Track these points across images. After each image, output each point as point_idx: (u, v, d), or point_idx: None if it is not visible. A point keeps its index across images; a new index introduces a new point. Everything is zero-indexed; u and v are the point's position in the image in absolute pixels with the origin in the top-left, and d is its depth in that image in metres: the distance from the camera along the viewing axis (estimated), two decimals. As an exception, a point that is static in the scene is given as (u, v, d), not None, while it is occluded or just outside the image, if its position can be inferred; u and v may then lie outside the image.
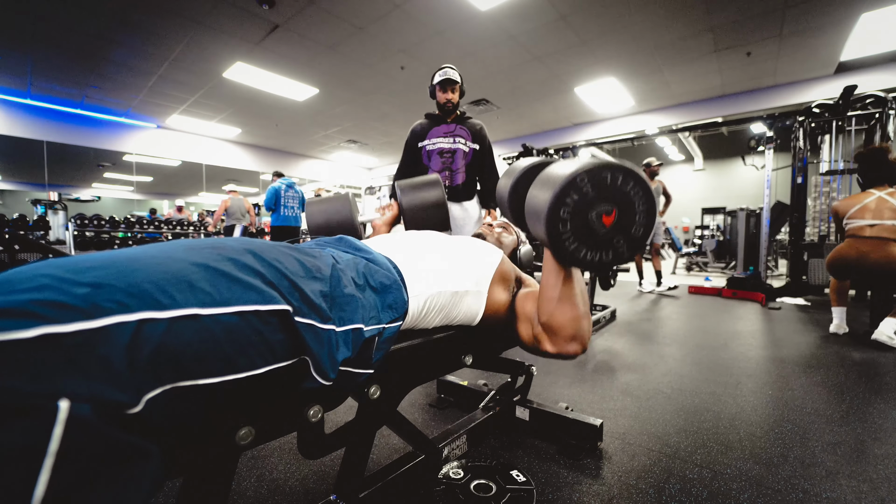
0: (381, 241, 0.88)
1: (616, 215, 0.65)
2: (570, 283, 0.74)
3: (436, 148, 2.20)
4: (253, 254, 0.52)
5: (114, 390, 0.34)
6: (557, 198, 0.62)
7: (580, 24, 4.07)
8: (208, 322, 0.42)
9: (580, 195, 0.63)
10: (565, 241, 0.64)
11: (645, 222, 0.67)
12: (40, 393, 0.30)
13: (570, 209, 0.63)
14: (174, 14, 3.77)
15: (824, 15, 3.89)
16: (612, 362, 1.99)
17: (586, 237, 0.65)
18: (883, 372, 1.84)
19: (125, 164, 8.29)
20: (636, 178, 0.65)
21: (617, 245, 0.67)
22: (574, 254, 0.65)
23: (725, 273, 6.39)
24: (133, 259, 0.42)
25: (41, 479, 0.30)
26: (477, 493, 0.95)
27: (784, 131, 4.09)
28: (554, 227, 0.63)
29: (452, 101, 2.18)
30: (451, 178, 2.19)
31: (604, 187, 0.63)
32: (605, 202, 0.64)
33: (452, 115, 2.22)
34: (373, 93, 5.82)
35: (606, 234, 0.65)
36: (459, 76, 2.18)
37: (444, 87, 2.15)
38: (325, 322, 0.55)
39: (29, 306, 0.32)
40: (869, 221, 2.31)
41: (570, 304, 0.74)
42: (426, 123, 2.25)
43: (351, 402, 0.74)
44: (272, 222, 4.91)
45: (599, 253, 0.66)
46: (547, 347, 0.77)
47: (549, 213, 0.62)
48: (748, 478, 1.04)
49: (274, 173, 5.25)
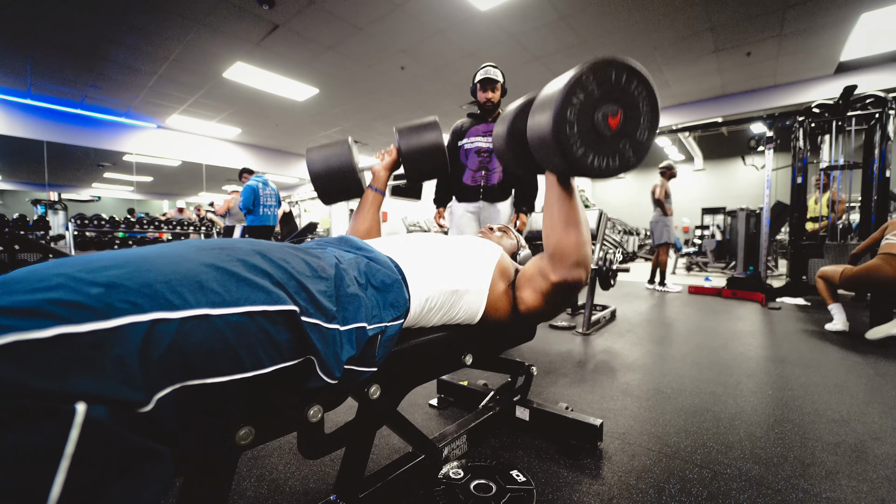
0: (383, 242, 0.88)
1: (622, 117, 0.65)
2: (575, 209, 0.77)
3: (474, 147, 2.18)
4: (261, 254, 0.53)
5: (127, 390, 0.34)
6: (565, 96, 0.61)
7: (580, 24, 4.07)
8: (218, 322, 0.43)
9: (586, 94, 0.62)
10: (573, 144, 0.63)
11: (649, 125, 0.67)
12: (57, 393, 0.31)
13: (576, 110, 0.62)
14: (174, 14, 3.77)
15: (824, 15, 3.89)
16: (612, 362, 1.99)
17: (593, 141, 0.64)
18: (883, 372, 1.84)
19: (125, 164, 8.29)
20: (640, 77, 0.64)
21: (623, 149, 0.66)
22: (582, 159, 0.64)
23: (725, 273, 6.39)
24: (145, 259, 0.43)
25: (57, 480, 0.30)
26: (477, 493, 0.95)
27: (784, 131, 4.09)
28: (562, 131, 0.62)
29: (493, 99, 2.15)
30: (486, 178, 2.18)
31: (609, 86, 0.63)
32: (610, 102, 0.64)
33: (494, 114, 2.19)
34: (373, 93, 5.82)
35: (613, 136, 0.65)
36: (502, 74, 2.15)
37: (484, 86, 2.13)
38: (330, 321, 0.55)
39: (45, 306, 0.33)
40: None
41: (576, 230, 0.77)
42: (468, 122, 2.24)
43: (351, 402, 0.74)
44: (248, 222, 4.66)
45: (606, 158, 0.66)
46: (553, 278, 0.79)
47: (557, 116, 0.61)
48: (748, 478, 1.04)
49: (244, 170, 4.96)
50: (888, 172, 3.47)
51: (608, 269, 2.58)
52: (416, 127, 1.25)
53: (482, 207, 2.25)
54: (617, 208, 12.02)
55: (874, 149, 3.55)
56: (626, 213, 11.23)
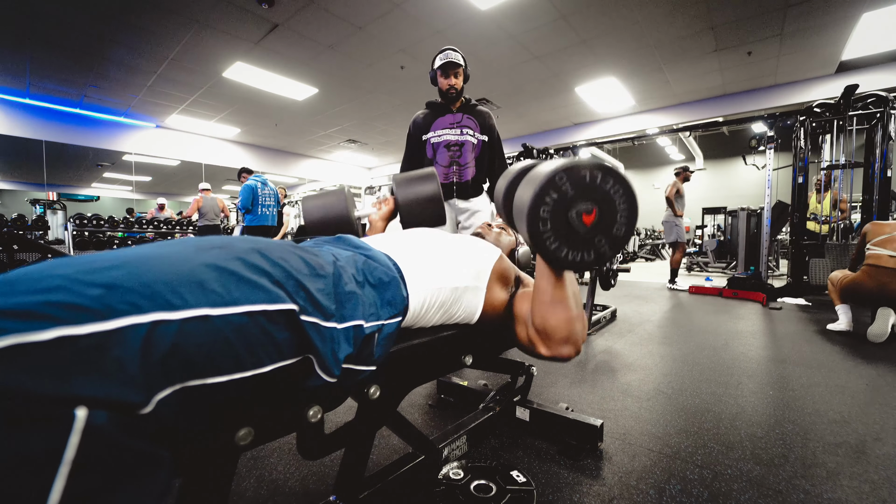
0: (380, 239, 0.88)
1: (597, 214, 0.65)
2: (562, 285, 0.74)
3: (442, 140, 1.99)
4: (260, 253, 0.53)
5: (127, 391, 0.34)
6: (537, 196, 0.62)
7: (580, 24, 4.06)
8: (218, 322, 0.42)
9: (559, 193, 0.63)
10: (546, 239, 0.64)
11: (626, 221, 0.67)
12: (57, 396, 0.30)
13: (549, 208, 0.63)
14: (173, 13, 3.77)
15: (825, 14, 3.89)
16: (612, 362, 1.99)
17: (567, 237, 0.65)
18: (884, 372, 1.84)
19: (124, 164, 8.29)
20: (616, 177, 0.65)
21: (598, 245, 0.66)
22: (556, 253, 0.65)
23: (726, 273, 6.39)
24: (145, 259, 0.43)
25: (56, 486, 0.30)
26: (477, 493, 0.94)
27: (785, 131, 4.09)
28: (535, 226, 0.63)
29: (456, 86, 1.95)
30: (459, 174, 1.99)
31: (583, 186, 0.64)
32: (584, 201, 0.64)
33: (457, 103, 2.00)
34: (372, 92, 5.82)
35: (587, 233, 0.65)
36: (463, 58, 1.93)
37: (445, 71, 1.92)
38: (328, 319, 0.55)
39: (44, 308, 0.32)
40: (889, 252, 2.35)
41: (563, 306, 0.73)
42: (428, 113, 2.04)
43: (351, 402, 0.73)
44: (246, 223, 4.59)
45: (581, 253, 0.66)
46: (541, 350, 0.77)
47: (530, 212, 0.63)
48: (749, 478, 1.04)
49: (242, 170, 4.93)
50: (889, 172, 3.47)
51: (608, 269, 2.58)
52: (414, 178, 1.26)
53: (456, 205, 2.07)
54: (617, 208, 11.99)
55: (875, 148, 3.54)
56: (625, 212, 11.20)
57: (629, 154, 13.46)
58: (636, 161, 13.28)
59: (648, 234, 11.18)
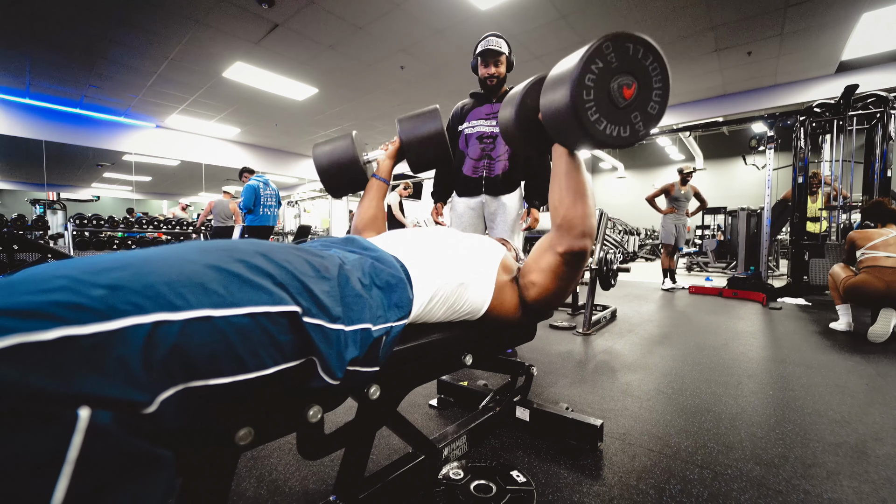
0: (389, 239, 0.88)
1: (636, 89, 0.67)
2: (582, 181, 0.82)
3: (475, 132, 1.88)
4: (263, 255, 0.53)
5: (131, 391, 0.34)
6: (585, 63, 0.64)
7: (580, 24, 4.06)
8: (220, 323, 0.42)
9: (605, 63, 0.65)
10: (588, 109, 0.66)
11: (660, 100, 0.70)
12: (61, 395, 0.30)
13: (594, 76, 0.65)
14: (173, 13, 3.77)
15: (825, 14, 3.89)
16: (612, 362, 1.99)
17: (608, 109, 0.67)
18: (884, 372, 1.84)
19: (124, 164, 8.29)
20: (655, 54, 0.67)
21: (634, 121, 0.69)
22: (595, 125, 0.67)
23: (726, 273, 6.39)
24: (147, 261, 0.43)
25: (59, 486, 0.30)
26: (477, 493, 0.94)
27: (785, 131, 4.09)
28: (579, 95, 0.65)
29: (497, 75, 1.80)
30: (489, 168, 1.88)
31: (627, 58, 0.66)
32: (626, 73, 0.66)
33: (498, 93, 1.88)
34: (372, 92, 5.82)
35: (626, 107, 0.67)
36: (507, 44, 1.79)
37: (485, 59, 1.78)
38: (334, 322, 0.55)
39: (48, 307, 0.33)
40: (886, 254, 2.38)
41: (583, 201, 0.81)
42: (469, 103, 1.93)
43: (351, 402, 0.73)
44: (248, 222, 4.63)
45: (618, 128, 0.68)
46: (560, 248, 0.84)
47: (577, 79, 0.64)
48: (749, 478, 1.04)
49: (244, 169, 4.93)
50: (889, 172, 3.47)
51: (608, 269, 2.57)
52: (417, 116, 1.28)
53: (486, 202, 1.97)
54: (617, 208, 12.01)
55: (875, 148, 3.54)
56: (626, 213, 11.22)
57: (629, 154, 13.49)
58: (636, 161, 13.29)
59: (648, 234, 11.18)
